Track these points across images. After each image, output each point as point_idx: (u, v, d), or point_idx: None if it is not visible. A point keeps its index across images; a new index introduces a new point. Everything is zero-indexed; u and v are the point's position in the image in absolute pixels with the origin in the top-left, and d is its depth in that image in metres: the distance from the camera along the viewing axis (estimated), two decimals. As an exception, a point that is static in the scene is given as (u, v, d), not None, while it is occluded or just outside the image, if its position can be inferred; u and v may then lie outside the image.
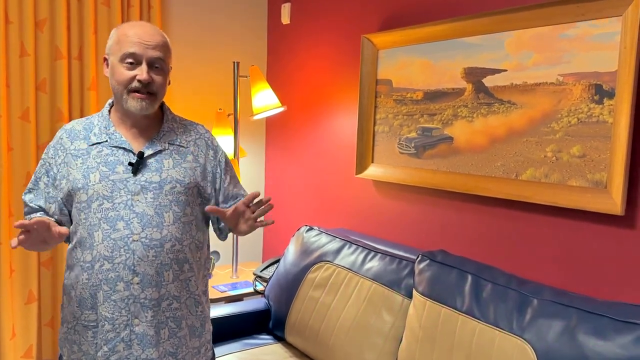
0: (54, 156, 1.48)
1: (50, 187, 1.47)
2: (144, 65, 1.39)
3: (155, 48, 1.41)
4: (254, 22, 3.11)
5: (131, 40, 1.39)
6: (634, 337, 1.30)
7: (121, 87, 1.40)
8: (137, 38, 1.39)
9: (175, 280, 1.46)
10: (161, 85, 1.44)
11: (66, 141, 1.47)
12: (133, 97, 1.40)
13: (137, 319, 1.42)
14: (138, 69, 1.39)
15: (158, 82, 1.42)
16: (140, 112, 1.43)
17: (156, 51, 1.41)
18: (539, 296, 1.54)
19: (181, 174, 1.48)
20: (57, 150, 1.48)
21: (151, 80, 1.40)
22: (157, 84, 1.42)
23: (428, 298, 1.75)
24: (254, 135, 3.17)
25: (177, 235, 1.46)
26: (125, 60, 1.39)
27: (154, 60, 1.41)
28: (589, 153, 1.58)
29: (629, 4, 1.46)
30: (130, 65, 1.39)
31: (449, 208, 2.07)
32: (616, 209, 1.51)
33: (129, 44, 1.39)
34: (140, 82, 1.39)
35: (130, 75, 1.39)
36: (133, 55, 1.39)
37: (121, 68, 1.40)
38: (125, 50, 1.39)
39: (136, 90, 1.40)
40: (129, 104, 1.41)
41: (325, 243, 2.22)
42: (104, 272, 1.40)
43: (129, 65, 1.39)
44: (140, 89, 1.40)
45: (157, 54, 1.41)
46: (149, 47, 1.40)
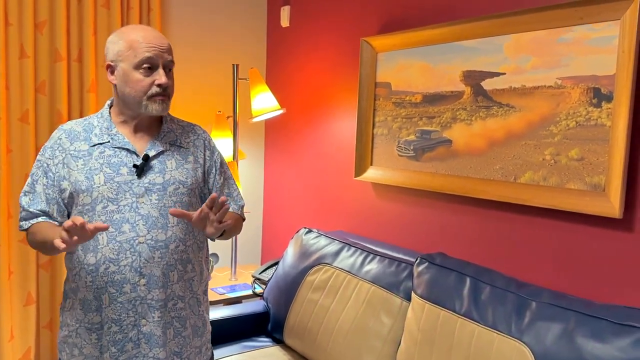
0: (51, 157, 1.45)
1: (50, 189, 1.44)
2: (161, 70, 1.41)
3: (167, 52, 1.43)
4: (253, 25, 3.11)
5: (145, 46, 1.39)
6: (632, 340, 1.31)
7: (140, 93, 1.40)
8: (150, 43, 1.39)
9: (180, 280, 1.47)
10: (173, 87, 1.48)
11: (65, 141, 1.46)
12: (154, 100, 1.41)
13: (144, 319, 1.42)
14: (155, 74, 1.40)
15: (172, 84, 1.46)
16: (161, 114, 1.45)
17: (169, 55, 1.44)
18: (537, 299, 1.55)
19: (184, 175, 1.49)
20: (54, 150, 1.46)
21: (169, 83, 1.43)
22: (171, 86, 1.46)
23: (427, 301, 1.75)
24: (253, 137, 3.17)
25: (181, 236, 1.46)
26: (142, 66, 1.39)
27: (167, 63, 1.43)
28: (587, 156, 1.59)
29: (627, 8, 1.47)
30: (148, 70, 1.40)
31: (447, 211, 2.07)
32: (614, 212, 1.51)
33: (144, 50, 1.38)
34: (160, 86, 1.40)
35: (149, 81, 1.40)
36: (150, 60, 1.39)
37: (138, 75, 1.39)
38: (142, 56, 1.38)
39: (157, 94, 1.41)
40: (150, 108, 1.41)
41: (324, 245, 2.22)
42: (109, 274, 1.40)
43: (146, 71, 1.39)
44: (160, 92, 1.41)
45: (170, 57, 1.44)
46: (163, 51, 1.41)
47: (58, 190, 1.44)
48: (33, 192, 1.46)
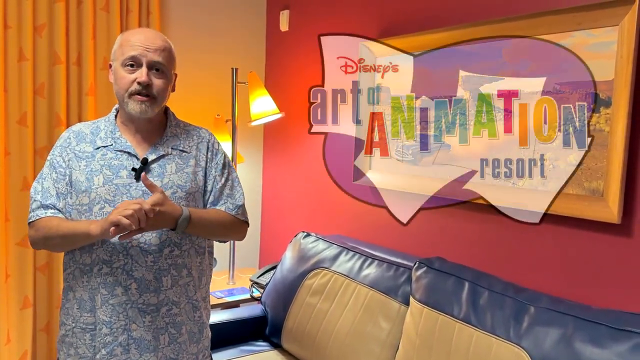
0: (60, 154, 1.48)
1: (60, 183, 1.45)
2: (144, 68, 1.41)
3: (155, 52, 1.42)
4: (252, 28, 3.12)
5: (132, 45, 1.41)
6: (631, 345, 1.31)
7: (122, 90, 1.42)
8: (138, 42, 1.41)
9: (174, 285, 1.46)
10: (162, 89, 1.44)
11: (72, 141, 1.48)
12: (134, 99, 1.41)
13: (134, 324, 1.41)
14: (138, 72, 1.41)
15: (158, 85, 1.43)
16: (141, 115, 1.43)
17: (156, 55, 1.42)
18: (536, 304, 1.55)
19: (183, 179, 1.48)
20: (64, 148, 1.48)
21: (150, 82, 1.41)
22: (157, 87, 1.43)
23: (425, 305, 1.75)
24: (251, 141, 3.17)
25: (176, 241, 1.46)
26: (126, 64, 1.41)
27: (154, 63, 1.42)
28: (586, 161, 1.59)
29: (625, 14, 1.47)
30: (131, 68, 1.41)
31: (446, 215, 2.07)
32: (613, 217, 1.52)
33: (130, 48, 1.41)
34: (140, 84, 1.40)
35: (131, 78, 1.41)
36: (133, 58, 1.40)
37: (123, 72, 1.42)
38: (127, 54, 1.41)
39: (137, 92, 1.41)
40: (130, 107, 1.42)
41: (322, 249, 2.22)
42: (102, 275, 1.40)
43: (130, 69, 1.41)
44: (140, 91, 1.40)
45: (157, 57, 1.42)
46: (149, 50, 1.41)
47: (65, 186, 1.45)
48: (43, 187, 1.47)
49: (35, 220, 1.44)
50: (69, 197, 1.44)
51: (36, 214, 1.44)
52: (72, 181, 1.44)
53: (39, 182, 1.48)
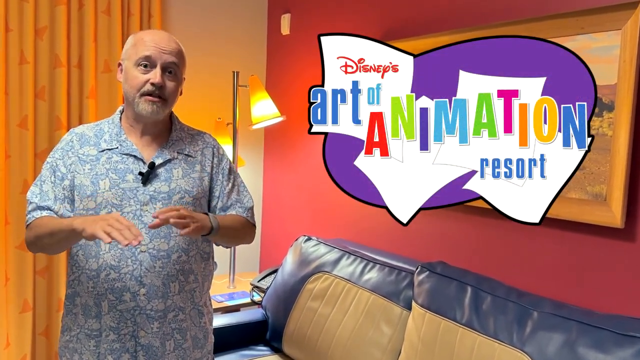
0: (62, 157, 1.45)
1: (58, 187, 1.43)
2: (158, 69, 1.40)
3: (170, 53, 1.42)
4: (253, 32, 3.12)
5: (147, 45, 1.40)
6: (635, 350, 1.30)
7: (134, 90, 1.40)
8: (153, 43, 1.40)
9: (181, 291, 1.45)
10: (173, 91, 1.44)
11: (76, 144, 1.46)
12: (145, 100, 1.40)
13: (142, 331, 1.40)
14: (152, 73, 1.40)
15: (170, 87, 1.43)
16: (151, 116, 1.42)
17: (171, 56, 1.42)
18: (539, 309, 1.54)
19: (190, 184, 1.47)
20: (66, 151, 1.45)
21: (164, 84, 1.40)
22: (169, 89, 1.42)
23: (427, 310, 1.74)
24: (252, 144, 3.17)
25: (184, 246, 1.45)
26: (140, 63, 1.39)
27: (168, 65, 1.41)
28: (589, 165, 1.59)
29: (628, 18, 1.47)
30: (145, 68, 1.40)
31: (448, 219, 2.07)
32: (616, 221, 1.51)
33: (145, 48, 1.39)
34: (154, 85, 1.39)
35: (144, 78, 1.39)
36: (148, 58, 1.39)
37: (135, 71, 1.40)
38: (141, 53, 1.39)
39: (149, 93, 1.39)
40: (140, 107, 1.40)
41: (323, 253, 2.21)
42: (109, 281, 1.39)
43: (143, 69, 1.40)
44: (152, 92, 1.39)
45: (171, 59, 1.42)
46: (164, 52, 1.40)
47: (66, 190, 1.42)
48: (41, 190, 1.44)
49: (31, 222, 1.42)
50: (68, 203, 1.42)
51: (32, 215, 1.42)
52: (75, 186, 1.41)
53: (37, 186, 1.45)
